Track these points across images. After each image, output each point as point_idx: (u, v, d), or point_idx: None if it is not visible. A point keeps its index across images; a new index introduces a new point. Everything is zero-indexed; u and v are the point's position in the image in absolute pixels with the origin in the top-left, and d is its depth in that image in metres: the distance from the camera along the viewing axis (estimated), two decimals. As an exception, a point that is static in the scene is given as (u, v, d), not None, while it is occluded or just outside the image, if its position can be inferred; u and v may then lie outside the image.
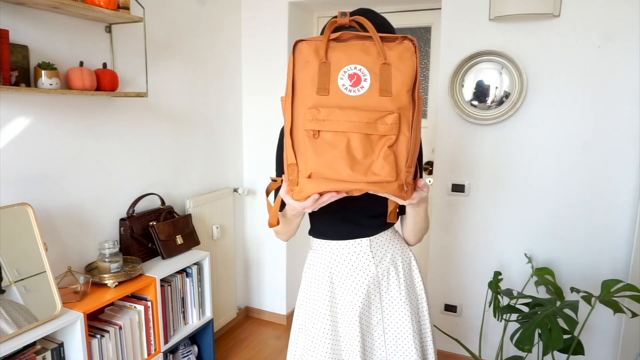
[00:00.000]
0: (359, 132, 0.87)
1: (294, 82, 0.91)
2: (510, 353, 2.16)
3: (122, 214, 1.99)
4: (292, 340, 1.24)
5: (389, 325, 1.16)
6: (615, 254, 2.03)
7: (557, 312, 1.61)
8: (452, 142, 2.26)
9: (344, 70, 0.89)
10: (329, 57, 0.90)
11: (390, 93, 0.88)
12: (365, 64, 0.89)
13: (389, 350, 1.15)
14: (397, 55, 0.89)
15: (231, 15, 2.59)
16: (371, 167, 0.87)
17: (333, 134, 0.88)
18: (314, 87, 0.89)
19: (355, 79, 0.88)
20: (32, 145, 1.60)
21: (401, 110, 0.88)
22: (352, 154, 0.87)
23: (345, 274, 1.14)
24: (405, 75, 0.88)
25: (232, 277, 2.70)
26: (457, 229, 2.33)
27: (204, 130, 2.45)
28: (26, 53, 1.52)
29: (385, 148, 0.87)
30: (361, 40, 0.91)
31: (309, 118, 0.88)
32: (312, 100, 0.89)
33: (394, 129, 0.87)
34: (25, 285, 1.44)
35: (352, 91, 0.88)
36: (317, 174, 0.89)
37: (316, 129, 0.88)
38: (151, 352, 1.86)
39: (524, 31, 2.04)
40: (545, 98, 2.05)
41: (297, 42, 0.91)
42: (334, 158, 0.87)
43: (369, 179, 0.87)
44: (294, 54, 0.91)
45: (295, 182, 0.92)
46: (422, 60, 2.62)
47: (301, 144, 0.90)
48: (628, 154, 1.95)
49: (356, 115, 0.87)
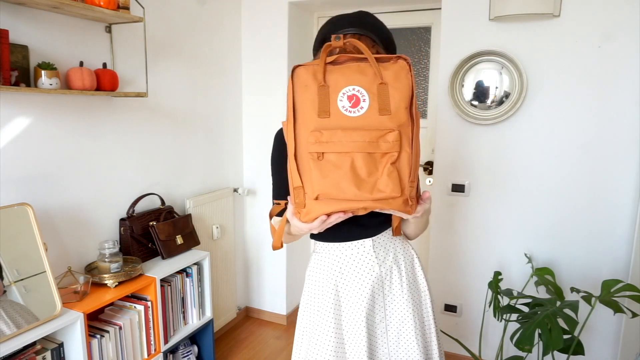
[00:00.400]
0: (362, 152, 0.89)
1: (295, 106, 0.93)
2: (510, 353, 2.16)
3: (122, 214, 1.99)
4: (297, 343, 1.25)
5: (391, 323, 1.16)
6: (615, 254, 2.02)
7: (557, 312, 1.61)
8: (452, 142, 2.26)
9: (342, 92, 0.91)
10: (327, 80, 0.92)
11: (389, 111, 0.90)
12: (362, 84, 0.91)
13: (391, 347, 1.16)
14: (393, 74, 0.92)
15: (231, 15, 2.59)
16: (376, 184, 0.89)
17: (337, 155, 0.90)
18: (314, 110, 0.91)
19: (354, 100, 0.91)
20: (32, 145, 1.60)
21: (401, 127, 0.90)
22: (356, 173, 0.89)
23: (349, 275, 1.15)
24: (402, 93, 0.91)
25: (232, 277, 2.70)
26: (457, 229, 2.33)
27: (204, 130, 2.45)
28: (26, 53, 1.52)
29: (388, 165, 0.90)
30: (357, 62, 0.94)
31: (312, 141, 0.90)
32: (314, 123, 0.91)
33: (395, 146, 0.89)
34: (25, 285, 1.44)
35: (352, 112, 0.90)
36: (324, 195, 0.91)
37: (320, 151, 0.90)
38: (151, 352, 1.86)
39: (524, 31, 2.04)
40: (545, 98, 2.05)
41: (295, 68, 0.93)
42: (340, 178, 0.89)
43: (375, 196, 0.90)
44: (292, 79, 0.93)
45: (302, 205, 0.94)
46: (422, 60, 2.62)
47: (306, 166, 0.92)
48: (628, 154, 1.95)
49: (358, 135, 0.89)
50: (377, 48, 1.08)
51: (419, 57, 2.62)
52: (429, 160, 2.57)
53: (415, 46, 2.61)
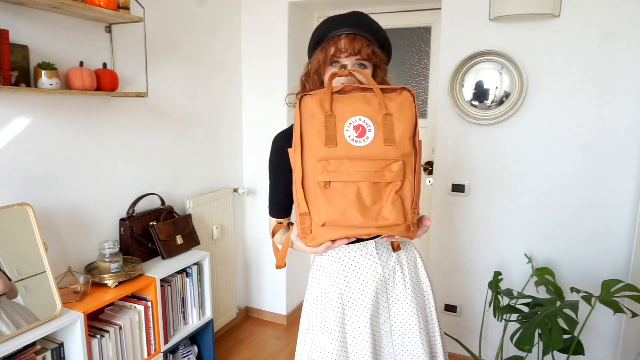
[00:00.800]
0: (368, 181, 0.92)
1: (302, 134, 0.95)
2: (510, 353, 2.16)
3: (122, 214, 1.99)
4: (300, 343, 1.25)
5: (396, 323, 1.17)
6: (615, 254, 2.02)
7: (557, 312, 1.61)
8: (452, 142, 2.26)
9: (349, 122, 0.94)
10: (334, 109, 0.95)
11: (393, 142, 0.93)
12: (368, 114, 0.94)
13: (396, 348, 1.17)
14: (397, 105, 0.95)
15: (231, 15, 2.59)
16: (381, 212, 0.93)
17: (343, 184, 0.93)
18: (321, 139, 0.93)
19: (360, 130, 0.94)
20: (32, 145, 1.60)
21: (404, 157, 0.94)
22: (362, 201, 0.92)
23: (353, 277, 1.15)
24: (406, 124, 0.94)
25: (232, 277, 2.70)
26: (457, 229, 2.33)
27: (203, 130, 2.45)
28: (26, 53, 1.52)
29: (392, 193, 0.93)
30: (362, 91, 0.97)
31: (319, 170, 0.93)
32: (322, 152, 0.93)
33: (399, 175, 0.93)
34: (25, 285, 1.44)
35: (358, 142, 0.93)
36: (331, 222, 0.94)
37: (327, 180, 0.93)
38: (151, 352, 1.86)
39: (524, 31, 2.04)
40: (545, 98, 2.05)
41: (302, 96, 0.96)
42: (346, 206, 0.92)
43: (380, 224, 0.93)
44: (299, 107, 0.95)
45: (308, 230, 0.97)
46: (422, 60, 2.62)
47: (313, 194, 0.95)
48: (628, 154, 1.95)
49: (364, 165, 0.92)
50: (372, 47, 1.09)
51: (419, 57, 2.62)
52: (429, 160, 2.57)
53: (415, 46, 2.61)
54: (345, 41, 1.07)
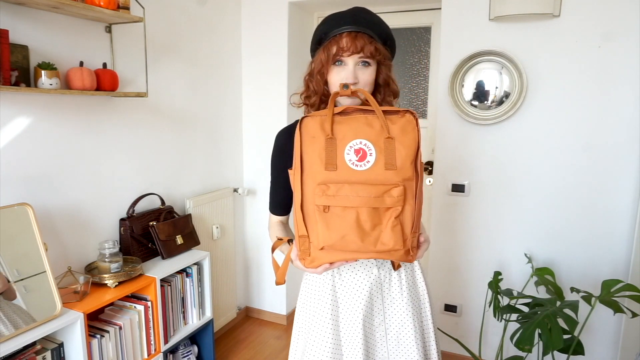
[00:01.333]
0: (367, 206, 0.91)
1: (302, 157, 0.94)
2: (510, 353, 2.16)
3: (122, 214, 1.99)
4: (293, 343, 1.25)
5: (391, 326, 1.15)
6: (615, 254, 2.02)
7: (557, 312, 1.61)
8: (452, 142, 2.26)
9: (350, 145, 0.92)
10: (335, 131, 0.93)
11: (395, 167, 0.92)
12: (369, 138, 0.93)
13: (391, 351, 1.15)
14: (400, 128, 0.93)
15: (231, 15, 2.59)
16: (380, 237, 0.92)
17: (342, 208, 0.91)
18: (322, 162, 0.92)
19: (361, 153, 0.92)
20: (32, 145, 1.60)
21: (405, 182, 0.92)
22: (361, 226, 0.91)
23: (348, 277, 1.14)
24: (408, 148, 0.92)
25: (232, 277, 2.70)
26: (457, 229, 2.33)
27: (204, 130, 2.45)
28: (26, 53, 1.52)
29: (392, 219, 0.91)
30: (364, 114, 0.95)
31: (319, 194, 0.92)
32: (321, 176, 0.92)
33: (400, 200, 0.91)
34: (25, 285, 1.44)
35: (358, 166, 0.92)
36: (330, 246, 0.93)
37: (327, 204, 0.92)
38: (151, 352, 1.86)
39: (524, 31, 2.04)
40: (545, 98, 2.05)
41: (303, 118, 0.95)
42: (345, 231, 0.91)
43: (378, 249, 0.92)
44: (299, 129, 0.94)
45: (307, 253, 0.97)
46: (422, 60, 2.61)
47: (312, 217, 0.94)
48: (628, 154, 1.95)
49: (364, 190, 0.90)
50: (375, 44, 1.06)
51: (419, 57, 2.62)
52: (429, 160, 2.57)
53: (415, 46, 2.61)
54: (347, 39, 1.05)
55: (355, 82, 1.06)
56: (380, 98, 1.13)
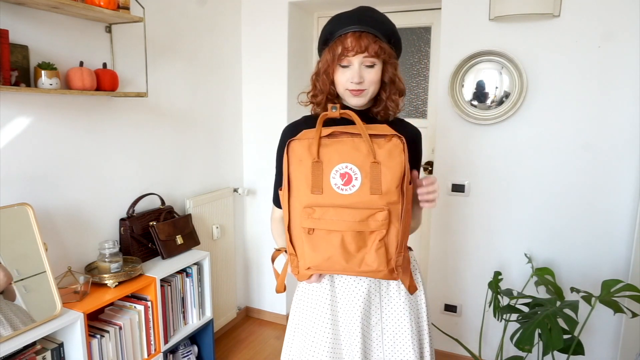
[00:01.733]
0: (352, 230, 0.93)
1: (290, 179, 0.97)
2: (510, 353, 2.16)
3: (122, 214, 1.99)
4: (287, 341, 1.25)
5: (388, 326, 1.15)
6: (616, 254, 2.02)
7: (557, 312, 1.61)
8: (452, 142, 2.26)
9: (335, 169, 0.94)
10: (321, 154, 0.95)
11: (380, 191, 0.93)
12: (355, 162, 0.94)
13: (387, 351, 1.15)
14: (387, 152, 0.94)
15: (231, 15, 2.59)
16: (364, 259, 0.94)
17: (327, 231, 0.94)
18: (308, 185, 0.95)
19: (346, 177, 0.94)
20: (32, 145, 1.60)
21: (390, 206, 0.94)
22: (346, 248, 0.94)
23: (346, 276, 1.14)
24: (394, 172, 0.94)
25: (232, 277, 2.69)
26: (457, 229, 2.33)
27: (204, 130, 2.45)
28: (26, 53, 1.52)
29: (376, 241, 0.94)
30: (351, 137, 0.96)
31: (304, 216, 0.95)
32: (307, 199, 0.95)
33: (384, 224, 0.93)
34: (25, 285, 1.44)
35: (344, 190, 0.94)
36: (315, 267, 0.97)
37: (312, 227, 0.95)
38: (151, 352, 1.86)
39: (524, 31, 2.04)
40: (545, 98, 2.05)
41: (290, 142, 0.97)
42: (330, 252, 0.94)
43: (363, 269, 0.95)
44: (287, 152, 0.97)
45: (296, 270, 1.03)
46: (422, 60, 2.61)
47: (298, 238, 0.98)
48: (628, 154, 1.95)
49: (349, 214, 0.93)
50: (379, 44, 1.07)
51: (419, 57, 2.62)
52: (429, 160, 2.57)
53: (415, 46, 2.61)
54: (351, 39, 1.05)
55: (361, 81, 1.06)
56: (386, 96, 1.13)
